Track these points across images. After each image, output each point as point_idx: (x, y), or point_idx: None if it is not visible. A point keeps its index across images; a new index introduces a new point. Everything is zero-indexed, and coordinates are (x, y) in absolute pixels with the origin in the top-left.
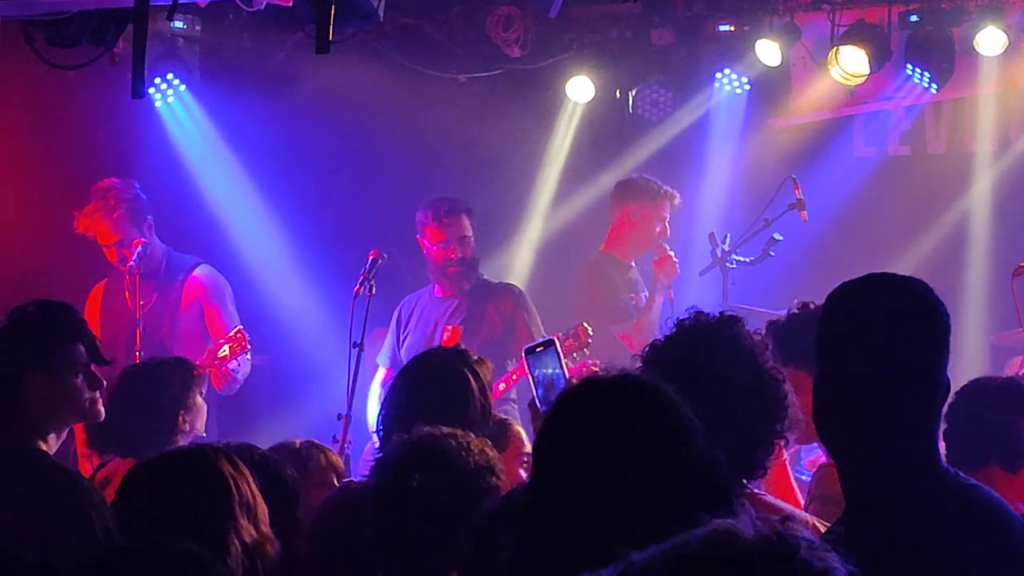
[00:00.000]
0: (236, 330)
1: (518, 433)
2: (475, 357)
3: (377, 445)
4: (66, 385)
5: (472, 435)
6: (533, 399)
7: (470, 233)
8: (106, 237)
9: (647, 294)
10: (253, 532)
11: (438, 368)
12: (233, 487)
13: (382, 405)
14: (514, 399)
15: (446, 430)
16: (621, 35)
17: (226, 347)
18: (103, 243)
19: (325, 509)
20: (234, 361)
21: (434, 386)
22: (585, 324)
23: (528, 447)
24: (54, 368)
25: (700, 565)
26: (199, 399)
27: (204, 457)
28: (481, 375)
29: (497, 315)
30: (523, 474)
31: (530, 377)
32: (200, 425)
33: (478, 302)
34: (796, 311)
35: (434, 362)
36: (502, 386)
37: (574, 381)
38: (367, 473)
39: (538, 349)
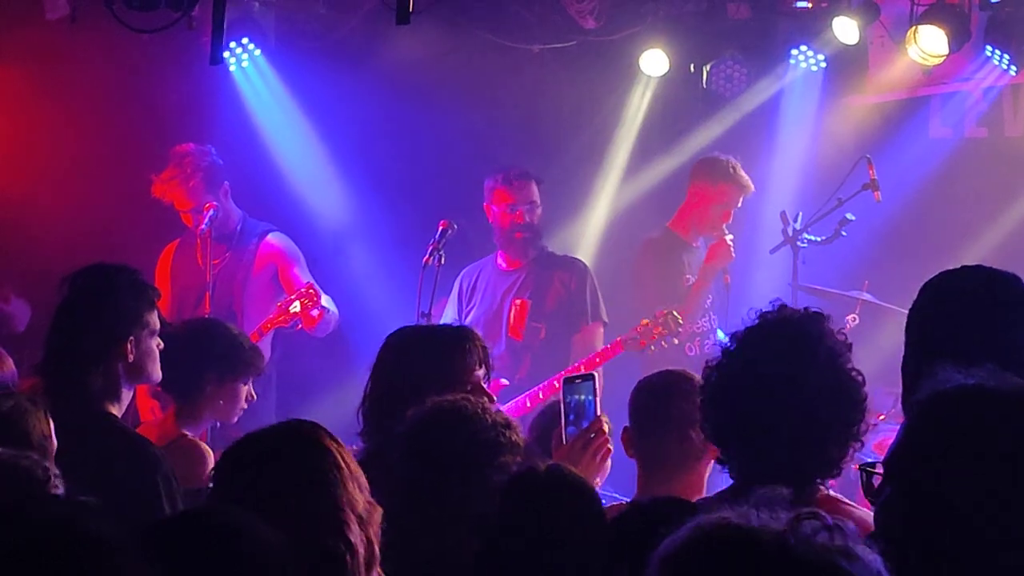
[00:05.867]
0: (307, 285)
1: None
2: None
3: (362, 427)
4: (150, 349)
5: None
6: (559, 429)
7: (538, 200)
8: (182, 203)
9: None
10: (363, 501)
11: (424, 342)
12: (340, 459)
13: (368, 387)
14: None
15: (456, 395)
16: (697, 8)
17: (297, 303)
18: (179, 208)
19: None
20: (316, 310)
21: (422, 359)
22: (675, 312)
23: None
24: (147, 332)
25: None
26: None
27: (304, 431)
28: (474, 346)
29: (563, 289)
30: None
31: (562, 404)
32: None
33: (544, 275)
34: None
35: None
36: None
37: (603, 416)
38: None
39: (577, 380)
